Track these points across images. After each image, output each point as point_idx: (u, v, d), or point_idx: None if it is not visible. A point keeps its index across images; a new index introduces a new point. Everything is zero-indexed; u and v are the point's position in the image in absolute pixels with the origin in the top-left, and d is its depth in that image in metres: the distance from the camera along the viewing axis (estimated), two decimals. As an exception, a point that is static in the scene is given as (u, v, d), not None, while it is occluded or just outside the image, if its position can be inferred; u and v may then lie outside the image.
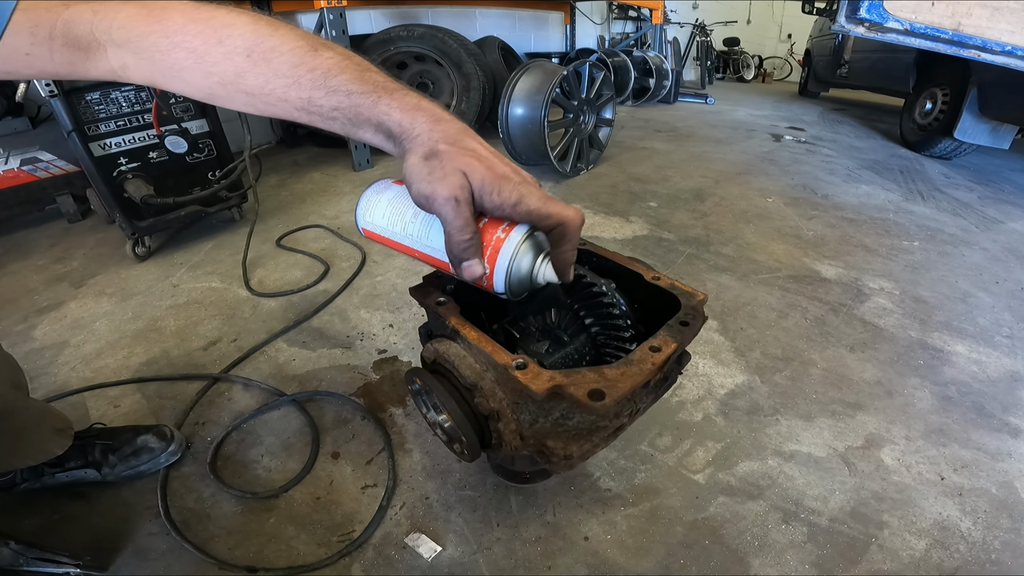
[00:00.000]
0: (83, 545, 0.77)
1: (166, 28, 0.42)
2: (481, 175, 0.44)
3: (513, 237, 0.48)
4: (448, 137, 0.44)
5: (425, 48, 2.71)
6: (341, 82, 0.43)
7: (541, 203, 0.45)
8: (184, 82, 0.44)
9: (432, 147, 0.44)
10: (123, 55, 0.43)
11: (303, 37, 0.44)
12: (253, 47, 0.42)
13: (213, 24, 0.42)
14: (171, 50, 0.42)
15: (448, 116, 0.46)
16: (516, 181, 0.45)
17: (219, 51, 0.42)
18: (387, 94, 0.44)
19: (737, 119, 4.12)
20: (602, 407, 0.48)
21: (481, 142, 0.47)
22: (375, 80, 0.44)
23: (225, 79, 0.43)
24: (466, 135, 0.46)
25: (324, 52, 0.44)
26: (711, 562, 0.75)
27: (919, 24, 1.99)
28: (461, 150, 0.44)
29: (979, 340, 1.26)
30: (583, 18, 4.96)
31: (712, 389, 1.09)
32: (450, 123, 0.45)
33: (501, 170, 0.45)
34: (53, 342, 1.24)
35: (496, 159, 0.46)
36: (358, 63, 0.45)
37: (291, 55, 0.43)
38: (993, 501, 0.84)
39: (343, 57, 0.44)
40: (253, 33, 0.42)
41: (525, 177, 0.47)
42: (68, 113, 1.37)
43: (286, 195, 2.22)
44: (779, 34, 8.22)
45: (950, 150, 2.85)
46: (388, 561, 0.75)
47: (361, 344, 1.22)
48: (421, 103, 0.45)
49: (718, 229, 1.89)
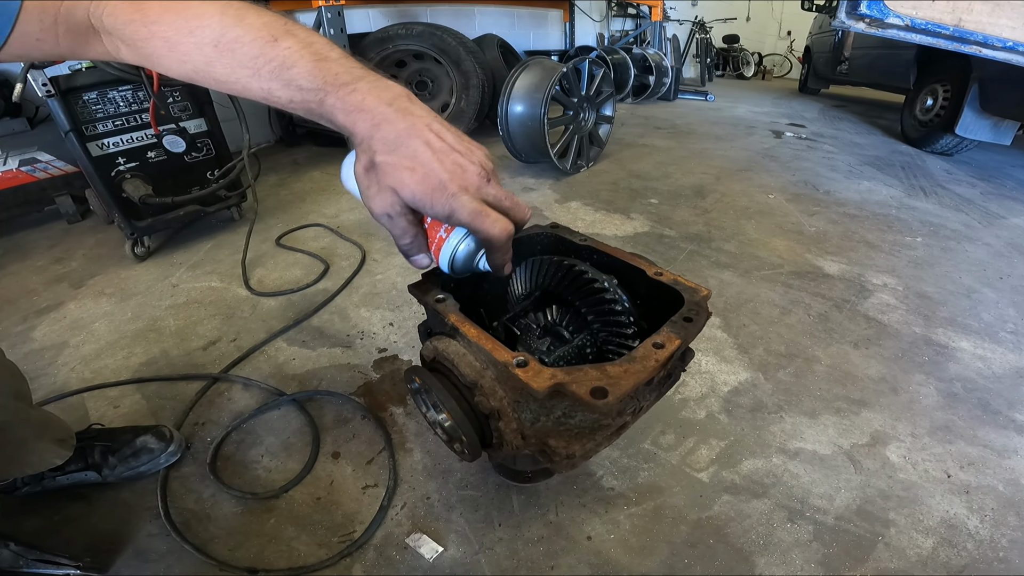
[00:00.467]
0: (83, 546, 0.76)
1: (145, 17, 0.43)
2: (411, 191, 0.44)
3: (451, 240, 0.51)
4: (386, 144, 0.44)
5: (424, 46, 2.70)
6: (294, 75, 0.43)
7: (470, 218, 0.46)
8: (165, 68, 0.46)
9: (370, 158, 0.45)
10: (114, 40, 0.45)
11: (267, 26, 0.44)
12: (219, 37, 0.43)
13: (185, 14, 0.43)
14: (149, 39, 0.44)
15: (390, 113, 0.44)
16: (450, 192, 0.44)
17: (190, 41, 0.43)
18: (333, 91, 0.43)
19: (737, 116, 4.11)
20: (605, 405, 0.47)
21: (429, 133, 0.45)
22: (327, 73, 0.44)
23: (197, 67, 0.45)
24: (409, 135, 0.44)
25: (284, 41, 0.43)
26: (716, 561, 0.74)
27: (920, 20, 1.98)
28: (397, 162, 0.44)
29: (984, 336, 1.25)
30: (582, 16, 4.95)
31: (715, 386, 1.08)
32: (390, 124, 0.44)
33: (435, 179, 0.44)
34: (53, 343, 1.24)
35: (436, 161, 0.44)
36: (315, 52, 0.44)
37: (252, 46, 0.43)
38: (1000, 499, 0.84)
39: (302, 46, 0.44)
40: (219, 23, 0.43)
41: (464, 178, 0.46)
42: (65, 113, 1.37)
43: (285, 194, 2.22)
44: (778, 31, 8.20)
45: (951, 146, 2.84)
46: (389, 562, 0.74)
47: (361, 343, 1.22)
48: (365, 101, 0.44)
49: (719, 226, 1.88)
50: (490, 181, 0.48)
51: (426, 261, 0.52)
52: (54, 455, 0.76)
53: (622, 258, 0.70)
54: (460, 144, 0.47)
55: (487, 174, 0.48)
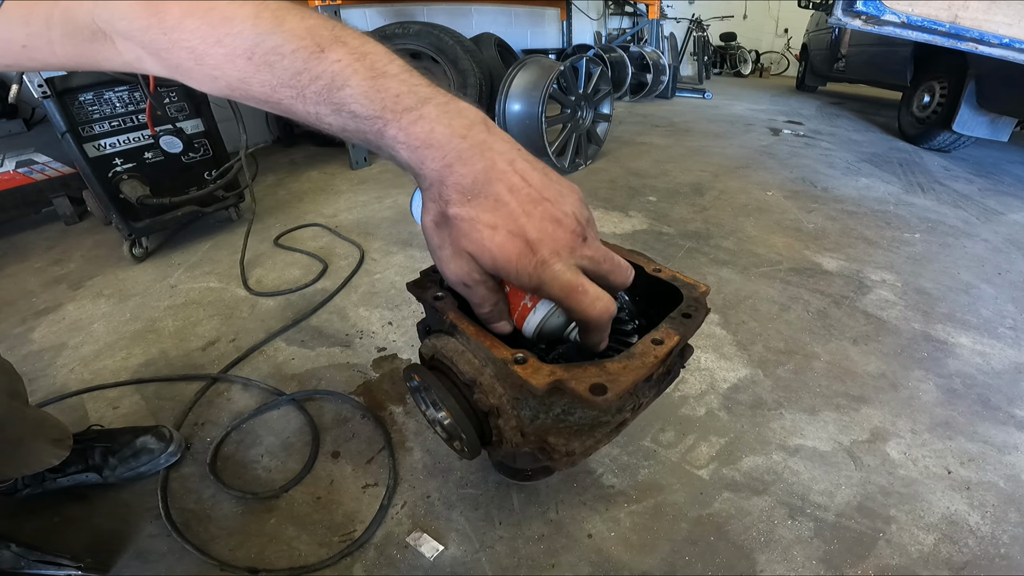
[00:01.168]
0: (84, 547, 0.76)
1: (163, 23, 0.35)
2: (492, 257, 0.37)
3: (538, 311, 0.46)
4: (461, 192, 0.36)
5: (421, 46, 2.70)
6: (345, 98, 0.36)
7: (564, 294, 0.38)
8: (197, 84, 0.38)
9: (441, 210, 0.38)
10: (134, 48, 0.37)
11: (311, 31, 0.36)
12: (254, 48, 0.35)
13: (211, 19, 0.35)
14: (171, 48, 0.36)
15: (464, 150, 0.36)
16: (539, 259, 0.37)
17: (219, 52, 0.35)
18: (395, 119, 0.36)
19: (735, 114, 4.11)
20: (604, 401, 0.47)
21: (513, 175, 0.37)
22: (387, 93, 0.36)
23: (232, 84, 0.37)
24: (489, 178, 0.36)
25: (332, 53, 0.35)
26: (716, 559, 0.74)
27: (916, 17, 1.98)
28: (475, 216, 0.36)
29: (983, 332, 1.25)
30: (579, 14, 4.95)
31: (715, 383, 1.08)
32: (465, 164, 0.36)
33: (522, 242, 0.36)
34: (51, 344, 1.24)
35: (524, 215, 0.37)
36: (370, 66, 0.36)
37: (293, 58, 0.35)
38: (1001, 495, 0.84)
39: (354, 58, 0.36)
40: (253, 30, 0.35)
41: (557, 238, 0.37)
42: (62, 114, 1.36)
43: (283, 194, 2.21)
44: (775, 29, 8.20)
45: (949, 143, 2.84)
46: (390, 561, 0.74)
47: (360, 342, 1.22)
48: (433, 134, 0.36)
49: (718, 223, 1.88)
50: (586, 240, 0.39)
51: (508, 328, 0.47)
52: (51, 455, 0.76)
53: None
54: (549, 188, 0.38)
55: (583, 230, 0.39)
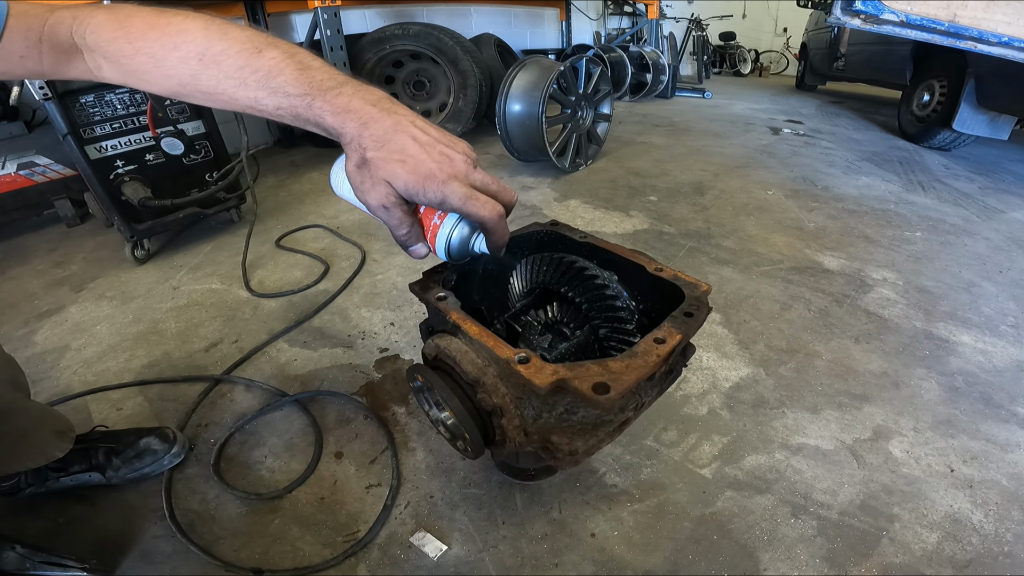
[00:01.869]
0: (89, 548, 0.77)
1: (129, 34, 0.46)
2: (404, 181, 0.46)
3: (445, 226, 0.53)
4: (376, 140, 0.46)
5: (421, 46, 2.70)
6: (280, 83, 0.45)
7: (462, 202, 0.47)
8: (148, 83, 0.48)
9: (361, 155, 0.47)
10: (96, 58, 0.48)
11: (251, 39, 0.46)
12: (204, 51, 0.46)
13: (169, 30, 0.46)
14: (134, 55, 0.46)
15: (376, 113, 0.46)
16: (440, 179, 0.46)
17: (175, 56, 0.46)
18: (320, 95, 0.45)
19: (735, 113, 4.11)
20: (607, 400, 0.47)
21: (414, 129, 0.47)
22: (312, 79, 0.46)
23: (183, 80, 0.47)
24: (396, 131, 0.46)
25: (268, 52, 0.46)
26: (720, 557, 0.75)
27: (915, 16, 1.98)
28: (387, 156, 0.46)
29: (984, 330, 1.25)
30: (579, 14, 4.95)
31: (717, 382, 1.08)
32: (378, 122, 0.46)
33: (426, 169, 0.46)
34: (54, 346, 1.24)
35: (424, 153, 0.46)
36: (299, 61, 0.46)
37: (237, 57, 0.46)
38: (1004, 493, 0.84)
39: (286, 56, 0.46)
40: (204, 38, 0.46)
41: (452, 166, 0.47)
42: (63, 116, 1.37)
43: (284, 195, 2.21)
44: (775, 28, 8.21)
45: (949, 141, 2.84)
46: (394, 561, 0.75)
47: (362, 343, 1.22)
48: (351, 103, 0.46)
49: (719, 222, 1.88)
50: (476, 168, 0.50)
51: (424, 250, 0.54)
52: (54, 447, 0.76)
53: (622, 254, 0.70)
54: (444, 137, 0.49)
55: (472, 162, 0.50)
